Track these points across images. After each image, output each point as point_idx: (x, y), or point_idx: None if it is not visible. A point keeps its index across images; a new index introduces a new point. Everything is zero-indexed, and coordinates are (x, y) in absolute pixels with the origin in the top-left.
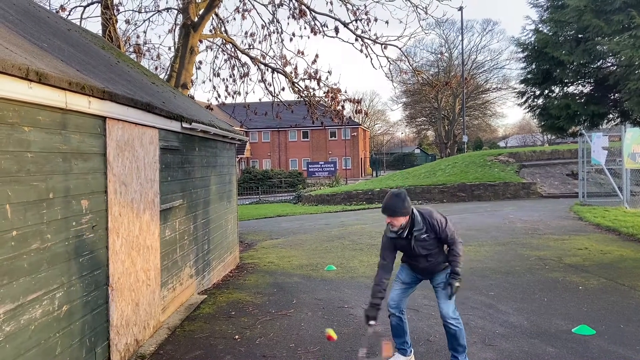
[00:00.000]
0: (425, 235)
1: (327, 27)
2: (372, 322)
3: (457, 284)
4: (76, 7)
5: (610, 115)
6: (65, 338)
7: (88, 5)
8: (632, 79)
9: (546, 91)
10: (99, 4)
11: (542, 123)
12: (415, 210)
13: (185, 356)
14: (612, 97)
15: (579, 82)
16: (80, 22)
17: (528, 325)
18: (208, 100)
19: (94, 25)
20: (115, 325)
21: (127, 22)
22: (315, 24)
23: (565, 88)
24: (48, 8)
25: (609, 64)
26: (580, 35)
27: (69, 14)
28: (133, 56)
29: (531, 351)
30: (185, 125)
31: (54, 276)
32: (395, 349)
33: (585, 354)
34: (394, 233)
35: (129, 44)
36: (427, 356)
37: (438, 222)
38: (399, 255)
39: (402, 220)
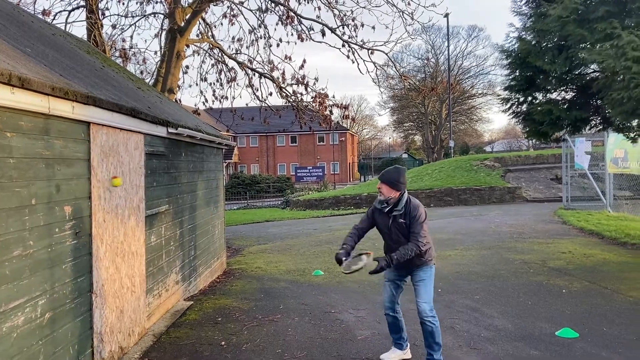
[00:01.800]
0: (402, 220)
1: (313, 30)
2: (344, 258)
3: (384, 264)
4: (61, 11)
5: (593, 122)
6: (48, 346)
7: (73, 9)
8: (615, 89)
9: (530, 98)
10: (84, 9)
11: (527, 129)
12: (406, 195)
13: None
14: (594, 104)
15: (562, 88)
16: (65, 26)
17: (512, 328)
18: (195, 105)
19: (79, 30)
20: (99, 332)
21: (113, 26)
22: (302, 29)
23: (548, 94)
24: (32, 12)
25: (591, 71)
26: (562, 43)
27: (54, 19)
28: (119, 61)
29: (515, 354)
30: (171, 130)
31: (37, 283)
32: (392, 343)
33: (569, 357)
34: (380, 203)
35: (115, 49)
36: (413, 359)
37: (417, 214)
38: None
39: (390, 193)
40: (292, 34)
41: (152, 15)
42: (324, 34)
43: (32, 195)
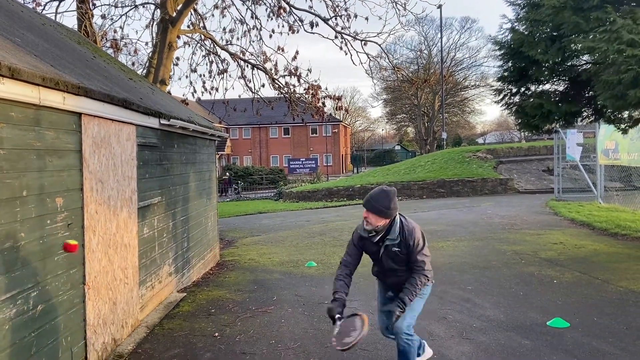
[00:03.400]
0: (397, 249)
1: (303, 22)
2: (338, 321)
3: (397, 312)
4: (51, 1)
5: (585, 113)
6: (40, 338)
7: None
8: (607, 72)
9: (522, 89)
10: None
11: (519, 121)
12: (399, 218)
13: (164, 354)
14: (586, 95)
15: (554, 80)
16: (55, 16)
17: (504, 318)
18: (184, 95)
19: (70, 20)
20: (92, 324)
21: (104, 16)
22: (294, 19)
23: (541, 86)
24: (22, 2)
25: (584, 62)
26: (555, 34)
27: (44, 9)
28: (110, 51)
29: (507, 344)
30: (163, 121)
31: (29, 275)
32: None
33: (560, 346)
34: (366, 232)
35: (106, 39)
36: None
37: (415, 241)
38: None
39: (380, 222)
40: (283, 26)
41: (143, 5)
42: (316, 25)
43: (24, 187)
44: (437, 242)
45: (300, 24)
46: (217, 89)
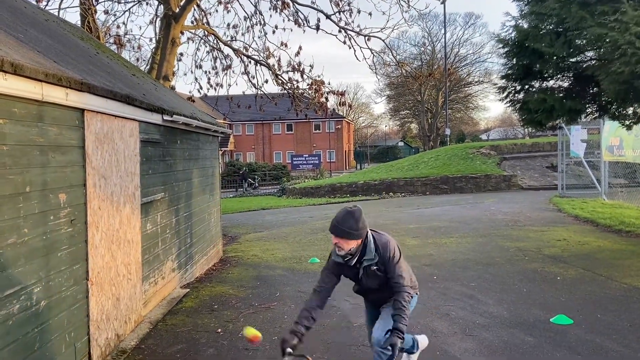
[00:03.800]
0: (375, 267)
1: (309, 21)
2: (286, 356)
3: (399, 343)
4: None
5: (589, 110)
6: (44, 333)
7: None
8: (614, 64)
9: (526, 86)
10: None
11: (523, 117)
12: (370, 235)
13: (167, 350)
14: (590, 91)
15: (559, 76)
16: (59, 12)
17: (507, 315)
18: (190, 92)
19: (73, 16)
20: (96, 320)
21: (107, 12)
22: (298, 15)
23: (545, 82)
24: None
25: (588, 58)
26: (560, 28)
27: (47, 4)
28: (113, 47)
29: (510, 341)
30: (166, 117)
31: (32, 271)
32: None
33: (563, 343)
34: (341, 258)
35: (109, 35)
36: None
37: (390, 255)
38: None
39: (352, 244)
40: (288, 20)
41: (146, 1)
42: (318, 22)
43: (27, 183)
44: (440, 239)
45: (304, 22)
46: (221, 85)
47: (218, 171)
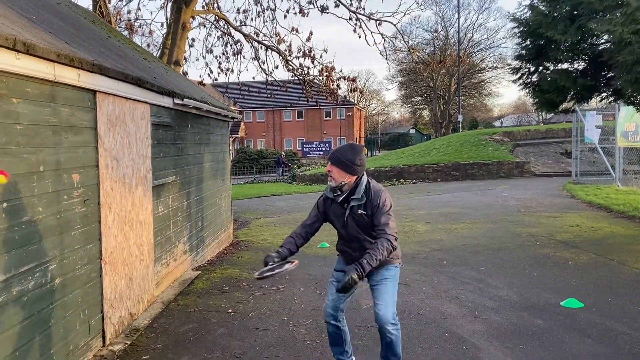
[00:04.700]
0: (362, 211)
1: (315, 2)
2: (269, 264)
3: (354, 276)
4: None
5: (605, 93)
6: (59, 310)
7: None
8: (623, 53)
9: (540, 67)
10: None
11: (536, 99)
12: (365, 178)
13: (179, 329)
14: (605, 75)
15: (574, 58)
16: None
17: (517, 298)
18: (200, 77)
19: (85, 1)
20: (109, 298)
21: None
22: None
23: (559, 65)
24: None
25: (603, 41)
26: (575, 13)
27: None
28: (125, 32)
29: (520, 323)
30: (177, 101)
31: (46, 249)
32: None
33: (573, 326)
34: (331, 192)
35: (120, 20)
36: (417, 328)
37: (380, 202)
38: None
39: (343, 177)
40: (296, 4)
41: None
42: (328, 7)
43: (40, 162)
44: (451, 224)
45: (314, 4)
46: (232, 70)
47: (228, 156)
